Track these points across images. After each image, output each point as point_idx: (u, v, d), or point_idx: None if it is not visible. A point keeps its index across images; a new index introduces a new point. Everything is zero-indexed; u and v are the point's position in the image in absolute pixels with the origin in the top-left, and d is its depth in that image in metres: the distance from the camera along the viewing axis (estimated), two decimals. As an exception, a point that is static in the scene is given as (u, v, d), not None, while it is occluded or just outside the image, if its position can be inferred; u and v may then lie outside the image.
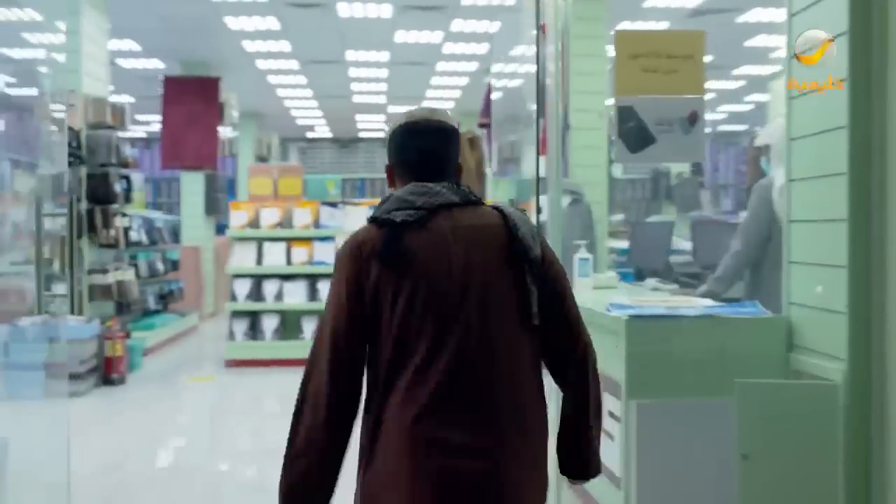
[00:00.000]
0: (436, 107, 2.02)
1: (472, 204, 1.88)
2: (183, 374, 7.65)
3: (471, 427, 1.75)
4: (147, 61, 12.01)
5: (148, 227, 9.47)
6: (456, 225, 1.83)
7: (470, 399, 1.76)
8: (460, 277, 1.79)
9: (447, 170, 1.91)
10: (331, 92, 14.65)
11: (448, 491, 1.73)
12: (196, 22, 9.86)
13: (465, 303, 1.78)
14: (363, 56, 11.74)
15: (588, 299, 4.52)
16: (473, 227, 1.84)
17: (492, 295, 1.81)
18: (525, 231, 1.84)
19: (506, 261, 1.83)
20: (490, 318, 1.80)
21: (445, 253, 1.80)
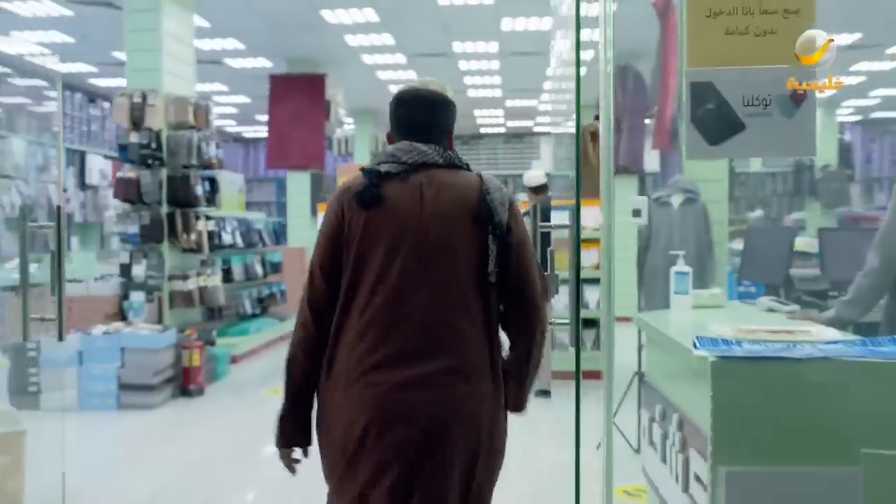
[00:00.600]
0: (432, 79, 2.25)
1: (455, 167, 2.11)
2: (267, 384, 7.29)
3: (409, 363, 1.98)
4: (254, 60, 11.86)
5: (245, 229, 9.23)
6: (432, 181, 2.05)
7: (410, 337, 1.99)
8: (424, 226, 2.01)
9: (434, 134, 2.14)
10: (443, 87, 14.11)
11: (383, 419, 1.97)
12: (293, 17, 9.55)
13: (424, 248, 2.01)
14: (471, 47, 11.12)
15: (681, 324, 3.73)
16: (449, 185, 2.05)
17: (451, 246, 2.03)
18: (496, 197, 2.06)
19: (472, 219, 2.04)
20: (444, 266, 2.02)
21: (416, 204, 2.02)
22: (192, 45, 7.65)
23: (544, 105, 16.34)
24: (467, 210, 2.05)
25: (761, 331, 3.11)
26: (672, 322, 3.71)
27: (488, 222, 2.05)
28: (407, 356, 1.99)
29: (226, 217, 8.69)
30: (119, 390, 6.32)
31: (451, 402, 2.00)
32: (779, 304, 3.88)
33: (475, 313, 2.06)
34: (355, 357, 2.02)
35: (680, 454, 3.09)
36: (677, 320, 3.83)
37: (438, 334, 2.01)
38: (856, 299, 3.32)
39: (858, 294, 3.32)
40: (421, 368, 1.98)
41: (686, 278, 3.98)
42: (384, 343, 2.00)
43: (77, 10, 9.09)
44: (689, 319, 3.74)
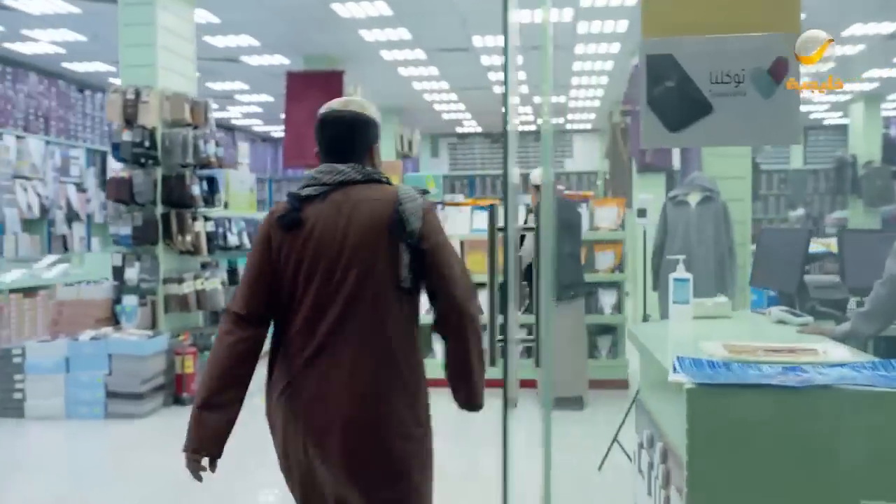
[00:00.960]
0: (356, 98, 2.43)
1: (374, 182, 2.27)
2: (265, 392, 7.00)
3: (338, 375, 2.15)
4: (271, 57, 11.62)
5: (254, 230, 8.97)
6: (349, 199, 2.21)
7: (339, 350, 2.16)
8: (340, 243, 2.18)
9: (357, 152, 2.30)
10: (467, 83, 13.77)
11: (310, 430, 2.17)
12: (304, 11, 9.26)
13: (342, 264, 2.17)
14: (491, 41, 10.74)
15: (673, 339, 3.33)
16: (365, 200, 2.21)
17: (367, 258, 2.17)
18: (408, 207, 2.19)
19: (387, 231, 2.18)
20: (360, 279, 2.17)
21: (334, 221, 2.19)
22: (192, 40, 7.39)
23: (574, 101, 15.89)
24: (383, 222, 2.19)
25: (759, 350, 2.71)
26: (664, 336, 3.31)
27: (401, 232, 2.18)
28: (318, 367, 2.18)
29: (232, 217, 8.43)
30: (106, 398, 6.08)
31: (356, 410, 2.17)
32: (791, 315, 3.46)
33: (394, 321, 2.21)
34: (278, 372, 2.26)
35: (663, 490, 2.70)
36: (673, 333, 3.42)
37: (347, 345, 2.17)
38: (873, 311, 2.89)
39: (876, 305, 2.90)
40: (331, 378, 2.18)
41: (685, 286, 3.58)
42: (300, 357, 2.19)
43: (84, 7, 8.92)
44: (685, 333, 3.34)
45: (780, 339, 3.07)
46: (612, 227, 7.02)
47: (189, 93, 7.09)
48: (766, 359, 2.58)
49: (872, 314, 2.91)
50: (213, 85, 13.67)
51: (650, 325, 3.64)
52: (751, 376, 2.25)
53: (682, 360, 2.45)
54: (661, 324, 3.69)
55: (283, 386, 2.21)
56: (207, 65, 11.94)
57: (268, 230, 2.24)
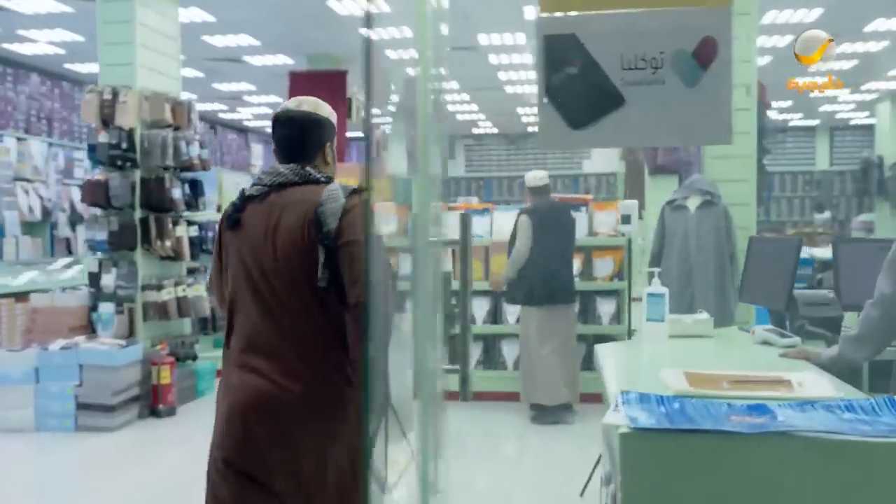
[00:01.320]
0: (310, 98, 2.49)
1: (311, 183, 2.31)
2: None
3: (265, 363, 2.21)
4: (274, 57, 11.39)
5: (248, 235, 8.71)
6: (282, 200, 2.28)
7: (265, 342, 2.23)
8: (269, 243, 2.24)
9: (307, 152, 2.37)
10: (478, 83, 13.43)
11: (237, 407, 2.22)
12: (300, 9, 9.01)
13: (267, 265, 2.24)
14: (497, 39, 10.40)
15: (637, 363, 2.99)
16: (296, 202, 2.27)
17: (291, 259, 2.23)
18: (327, 208, 2.22)
19: (306, 231, 2.22)
20: (282, 279, 2.23)
21: (265, 222, 2.27)
22: (177, 38, 7.14)
23: (590, 101, 15.48)
24: (304, 223, 2.22)
25: (724, 380, 2.36)
26: (631, 357, 2.97)
27: (318, 232, 2.19)
28: (244, 367, 2.23)
29: (223, 221, 8.18)
30: (77, 410, 5.84)
31: (267, 407, 2.20)
32: (776, 335, 3.10)
33: (310, 321, 2.22)
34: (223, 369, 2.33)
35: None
36: (640, 355, 3.08)
37: (267, 346, 2.22)
38: (863, 336, 2.54)
39: (867, 329, 2.54)
40: (253, 380, 2.21)
41: (661, 301, 3.23)
42: (235, 356, 2.27)
43: (76, 6, 8.73)
44: (654, 355, 3.00)
45: (762, 363, 2.72)
46: (611, 232, 6.66)
47: (172, 92, 6.84)
48: (729, 393, 2.24)
49: (862, 339, 2.54)
50: (220, 86, 13.49)
51: (620, 345, 3.30)
52: (699, 419, 1.91)
53: (628, 394, 2.12)
54: (631, 343, 3.35)
55: (221, 382, 2.31)
56: (211, 65, 11.77)
57: (220, 228, 2.37)
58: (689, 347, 3.11)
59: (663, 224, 5.69)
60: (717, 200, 5.52)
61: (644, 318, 3.26)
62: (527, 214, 5.80)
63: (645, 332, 3.26)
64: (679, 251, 5.53)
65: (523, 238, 5.70)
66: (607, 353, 3.00)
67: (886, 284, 2.50)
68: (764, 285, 3.44)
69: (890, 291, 2.47)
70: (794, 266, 3.17)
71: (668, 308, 3.24)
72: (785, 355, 2.76)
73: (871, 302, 2.54)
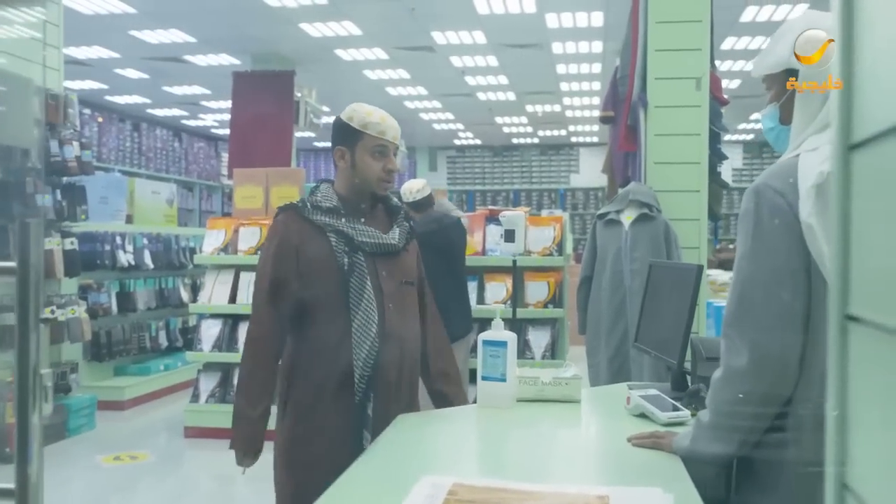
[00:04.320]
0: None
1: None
2: (123, 446, 5.79)
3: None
4: (217, 57, 10.53)
5: (163, 248, 7.82)
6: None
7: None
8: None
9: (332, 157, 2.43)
10: (446, 89, 12.55)
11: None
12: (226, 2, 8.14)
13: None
14: (454, 37, 9.50)
15: (408, 461, 2.04)
16: None
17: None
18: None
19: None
20: None
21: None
22: (59, 24, 6.26)
23: (572, 111, 14.56)
24: None
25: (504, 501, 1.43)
26: (410, 445, 2.03)
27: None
28: None
29: (126, 233, 7.30)
30: None
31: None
32: (658, 405, 2.17)
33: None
34: None
35: None
36: (429, 440, 2.13)
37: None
38: (718, 424, 1.64)
39: (721, 414, 1.64)
40: None
41: (501, 353, 2.29)
42: None
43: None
44: (447, 442, 2.06)
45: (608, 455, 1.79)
46: (546, 251, 5.71)
47: (52, 86, 5.95)
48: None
49: (716, 428, 1.63)
50: (171, 89, 12.65)
51: (422, 419, 2.34)
52: None
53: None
54: (448, 415, 2.40)
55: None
56: (152, 65, 10.93)
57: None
58: (521, 424, 2.17)
59: (594, 242, 4.75)
60: (656, 214, 4.58)
61: (479, 377, 2.32)
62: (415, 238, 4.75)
63: (479, 395, 2.32)
64: (611, 276, 4.58)
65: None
66: (418, 423, 2.06)
67: (735, 353, 1.58)
68: (656, 329, 2.51)
69: (743, 363, 1.56)
70: (692, 303, 2.25)
71: (513, 361, 2.30)
72: (639, 443, 1.84)
73: (719, 375, 1.63)
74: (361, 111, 2.33)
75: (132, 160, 13.84)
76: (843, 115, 0.80)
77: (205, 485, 5.27)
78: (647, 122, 4.91)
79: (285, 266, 2.27)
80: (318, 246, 2.27)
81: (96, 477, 5.19)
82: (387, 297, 2.30)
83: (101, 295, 6.93)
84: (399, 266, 2.39)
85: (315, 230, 2.28)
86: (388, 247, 2.35)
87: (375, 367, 2.21)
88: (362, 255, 2.28)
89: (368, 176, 2.31)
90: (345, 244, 2.26)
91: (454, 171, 19.11)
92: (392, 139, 2.33)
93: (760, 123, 1.82)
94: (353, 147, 2.31)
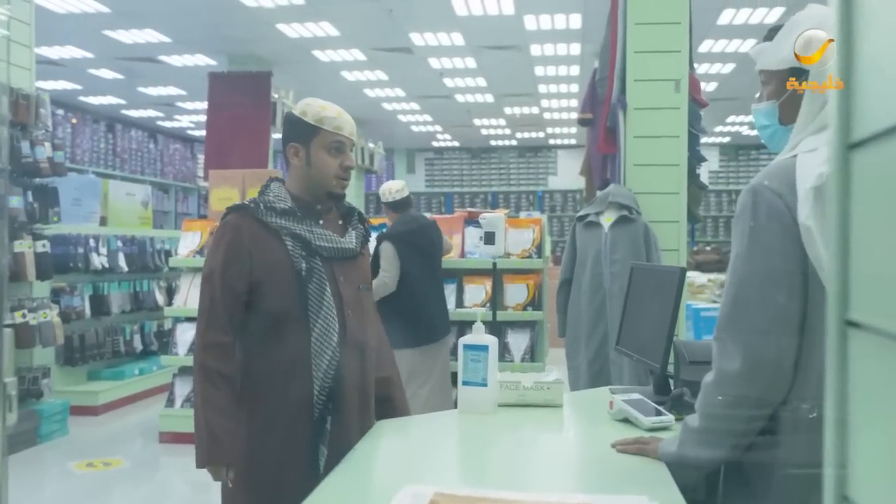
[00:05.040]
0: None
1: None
2: (96, 452, 5.70)
3: None
4: (193, 57, 10.42)
5: (138, 250, 7.72)
6: None
7: None
8: None
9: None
10: (424, 91, 12.51)
11: None
12: (202, 1, 8.06)
13: None
14: (432, 39, 9.47)
15: (388, 471, 2.00)
16: None
17: None
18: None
19: None
20: None
21: None
22: (30, 23, 6.15)
23: (550, 114, 14.58)
24: None
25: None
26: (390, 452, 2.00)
27: None
28: None
29: (100, 235, 7.19)
30: None
31: None
32: (642, 410, 2.14)
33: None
34: None
35: None
36: (412, 445, 2.10)
37: None
38: (707, 429, 1.61)
39: (711, 419, 1.63)
40: None
41: (482, 357, 2.26)
42: None
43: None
44: (428, 447, 2.03)
45: (591, 460, 1.76)
46: (525, 253, 5.69)
47: (23, 86, 5.85)
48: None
49: (706, 432, 1.61)
50: (147, 90, 12.51)
51: (403, 424, 2.30)
52: None
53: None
54: (428, 421, 2.37)
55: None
56: (127, 65, 10.81)
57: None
58: (503, 430, 2.14)
59: (573, 245, 4.74)
60: (636, 216, 4.57)
61: (460, 382, 2.28)
62: (390, 240, 4.66)
63: (460, 401, 2.29)
64: (590, 278, 4.57)
65: (391, 270, 4.56)
66: (372, 443, 2.02)
67: (728, 356, 1.56)
68: (638, 332, 2.49)
69: (737, 367, 1.54)
70: (675, 306, 2.23)
71: (494, 366, 2.27)
72: (623, 449, 1.81)
73: (710, 379, 1.61)
74: (315, 105, 2.23)
75: (106, 162, 13.68)
76: (843, 113, 0.78)
77: (180, 491, 5.19)
78: (626, 124, 4.90)
79: (236, 270, 2.12)
80: (272, 250, 2.13)
81: (69, 484, 5.09)
82: (346, 303, 2.18)
83: (74, 298, 6.82)
84: (356, 270, 2.29)
85: (269, 233, 2.14)
86: (346, 251, 2.24)
87: (336, 378, 2.10)
88: (319, 259, 2.16)
89: (325, 174, 2.20)
90: (301, 248, 2.14)
91: (432, 173, 19.08)
92: (349, 135, 2.23)
93: (753, 119, 1.79)
94: (308, 143, 2.20)
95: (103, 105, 13.67)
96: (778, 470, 1.57)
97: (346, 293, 2.20)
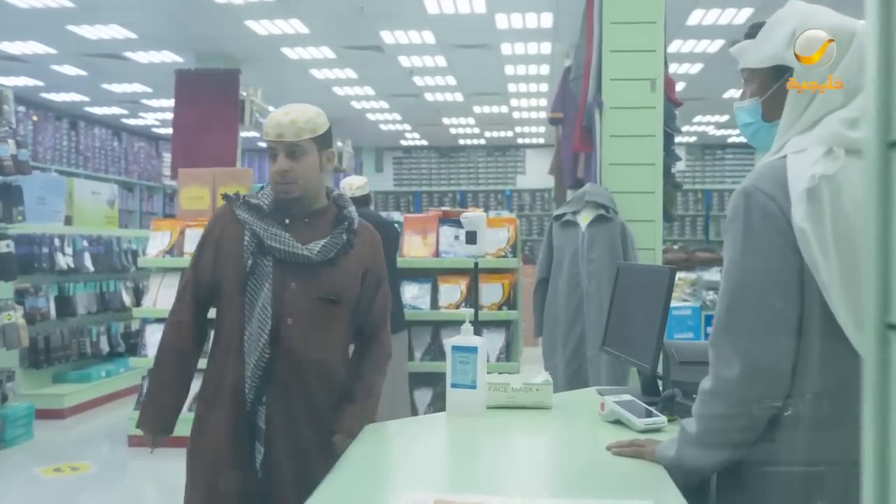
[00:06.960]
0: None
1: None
2: (65, 457, 5.57)
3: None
4: (160, 54, 10.25)
5: (104, 250, 7.57)
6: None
7: None
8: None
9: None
10: (394, 89, 12.45)
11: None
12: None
13: None
14: (403, 38, 9.41)
15: (383, 476, 1.97)
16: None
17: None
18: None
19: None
20: None
21: None
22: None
23: (519, 113, 14.60)
24: None
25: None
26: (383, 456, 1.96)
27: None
28: None
29: (65, 235, 7.04)
30: None
31: None
32: (633, 411, 2.12)
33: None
34: None
35: None
36: (404, 449, 2.06)
37: None
38: (704, 434, 1.59)
39: (707, 423, 1.60)
40: None
41: (471, 359, 2.22)
42: None
43: None
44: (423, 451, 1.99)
45: (584, 464, 1.73)
46: (501, 252, 5.67)
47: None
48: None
49: (705, 438, 1.59)
50: (111, 87, 12.29)
51: (393, 427, 2.27)
52: None
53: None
54: (418, 423, 2.33)
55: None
56: (91, 62, 10.60)
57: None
58: (495, 433, 2.11)
59: (550, 244, 4.73)
60: (613, 215, 4.57)
61: (448, 384, 2.25)
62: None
63: (448, 403, 2.26)
64: (568, 278, 4.56)
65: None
66: (363, 448, 1.98)
67: (725, 362, 1.55)
68: (626, 332, 2.48)
69: (735, 373, 1.52)
70: (665, 307, 2.21)
71: (483, 367, 2.24)
72: (619, 452, 1.79)
73: (708, 386, 1.58)
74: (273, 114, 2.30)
75: (69, 160, 13.41)
76: (882, 110, 0.76)
77: (150, 496, 5.10)
78: (602, 123, 4.90)
79: (205, 256, 2.29)
80: (233, 242, 2.23)
81: (35, 490, 4.97)
82: (287, 310, 2.17)
83: (39, 299, 6.67)
84: (319, 280, 2.21)
85: (237, 226, 2.24)
86: (299, 257, 2.19)
87: (265, 378, 2.15)
88: (271, 260, 2.18)
89: (271, 181, 2.25)
90: (255, 245, 2.20)
91: (400, 171, 19.02)
92: (276, 137, 2.19)
93: (736, 116, 1.76)
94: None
95: (66, 102, 13.40)
96: (772, 473, 1.56)
97: (292, 300, 2.18)
